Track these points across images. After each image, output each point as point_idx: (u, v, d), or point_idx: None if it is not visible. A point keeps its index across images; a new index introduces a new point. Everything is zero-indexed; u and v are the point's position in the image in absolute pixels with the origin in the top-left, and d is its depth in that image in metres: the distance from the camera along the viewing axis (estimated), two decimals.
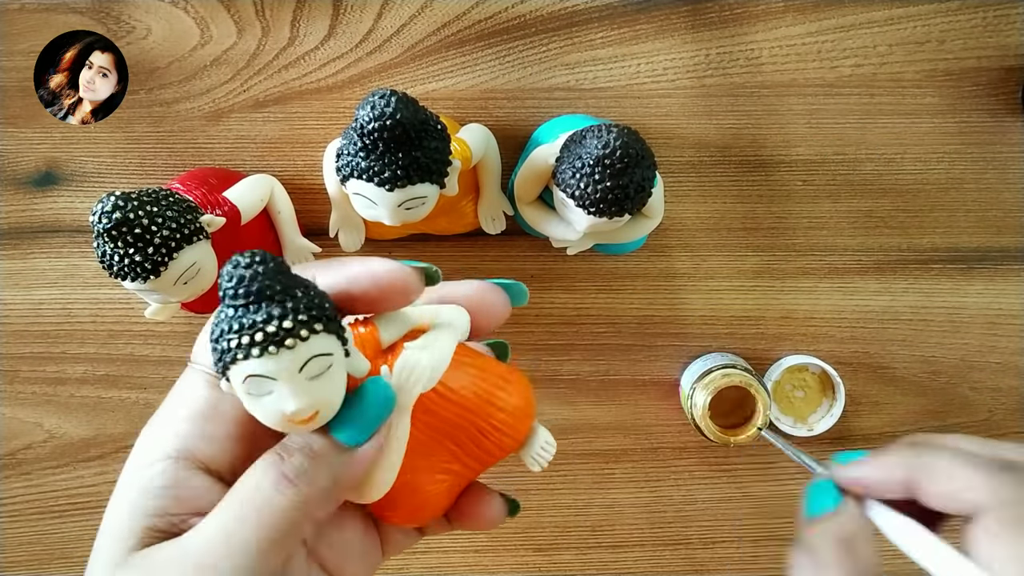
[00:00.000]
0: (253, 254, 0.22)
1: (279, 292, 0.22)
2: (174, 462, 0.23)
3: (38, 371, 0.55)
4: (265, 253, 0.22)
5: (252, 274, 0.22)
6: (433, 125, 0.40)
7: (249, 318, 0.22)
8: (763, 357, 0.55)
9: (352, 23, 0.52)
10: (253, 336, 0.22)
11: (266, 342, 0.22)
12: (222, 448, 0.24)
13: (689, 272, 0.55)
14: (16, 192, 0.54)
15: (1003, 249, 0.54)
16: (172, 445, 0.23)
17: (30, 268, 0.54)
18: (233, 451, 0.24)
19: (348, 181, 0.41)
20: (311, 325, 0.22)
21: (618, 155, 0.41)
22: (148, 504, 0.22)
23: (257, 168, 0.53)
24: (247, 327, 0.22)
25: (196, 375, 0.24)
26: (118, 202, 0.39)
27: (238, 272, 0.22)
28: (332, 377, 0.23)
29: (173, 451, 0.23)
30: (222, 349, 0.22)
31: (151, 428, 0.24)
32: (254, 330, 0.22)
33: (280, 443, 0.23)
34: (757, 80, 0.53)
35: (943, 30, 0.52)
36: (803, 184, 0.54)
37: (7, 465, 0.56)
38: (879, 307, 0.55)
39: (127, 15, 0.52)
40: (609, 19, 0.52)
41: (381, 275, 0.24)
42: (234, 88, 0.53)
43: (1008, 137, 0.53)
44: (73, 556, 0.57)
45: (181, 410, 0.24)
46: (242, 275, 0.22)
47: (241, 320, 0.22)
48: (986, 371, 0.55)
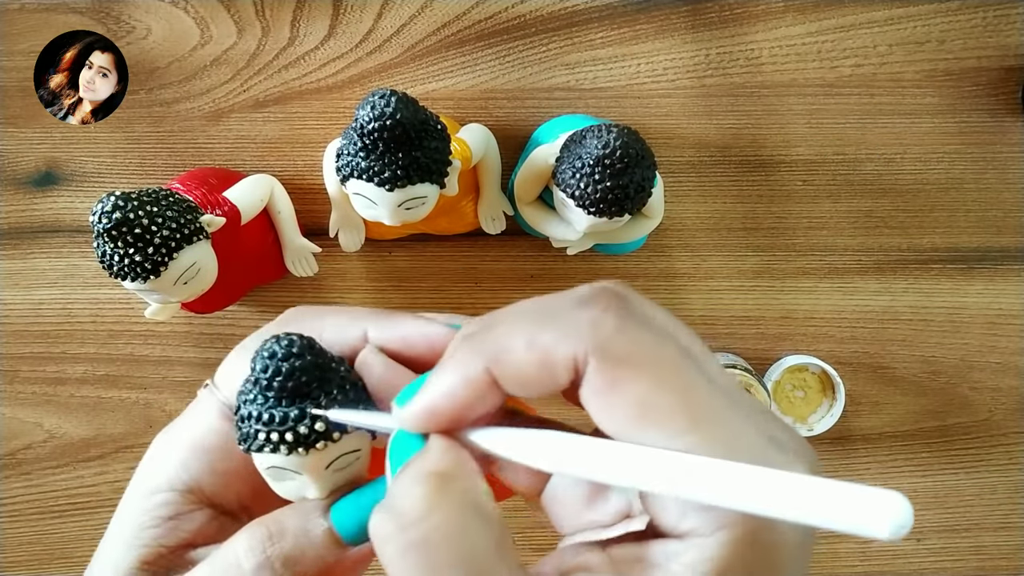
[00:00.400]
0: (291, 343, 0.21)
1: (315, 390, 0.21)
2: (179, 495, 0.23)
3: (38, 371, 0.55)
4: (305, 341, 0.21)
5: (289, 369, 0.21)
6: (433, 125, 0.40)
7: (280, 412, 0.21)
8: (763, 357, 0.55)
9: (352, 23, 0.52)
10: (283, 435, 0.21)
11: (296, 443, 0.21)
12: (229, 485, 0.23)
13: (689, 272, 0.55)
14: (16, 192, 0.54)
15: (1003, 249, 0.54)
16: (179, 476, 0.23)
17: (30, 268, 0.54)
18: (240, 488, 0.23)
19: (348, 181, 0.41)
20: (344, 427, 0.21)
21: (618, 155, 0.41)
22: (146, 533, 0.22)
23: (257, 168, 0.53)
24: (278, 423, 0.21)
25: (212, 403, 0.24)
26: (118, 202, 0.39)
27: (275, 364, 0.21)
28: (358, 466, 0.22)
29: (179, 483, 0.23)
30: (247, 432, 0.21)
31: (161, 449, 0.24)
32: (285, 428, 0.21)
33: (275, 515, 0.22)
34: (757, 80, 0.53)
35: (943, 30, 0.52)
36: (803, 184, 0.54)
37: (7, 465, 0.56)
38: (879, 307, 0.55)
39: (127, 15, 0.52)
40: (609, 19, 0.52)
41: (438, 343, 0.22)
42: (234, 88, 0.53)
43: (1008, 137, 0.53)
44: (73, 556, 0.57)
45: (192, 440, 0.23)
46: (279, 367, 0.21)
47: (272, 412, 0.21)
48: (986, 371, 0.55)
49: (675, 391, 0.17)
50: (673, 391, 0.17)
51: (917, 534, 0.57)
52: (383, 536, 0.18)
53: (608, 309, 0.18)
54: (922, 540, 0.57)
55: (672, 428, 0.17)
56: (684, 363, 0.18)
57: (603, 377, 0.17)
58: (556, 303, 0.19)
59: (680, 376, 0.17)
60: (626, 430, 0.17)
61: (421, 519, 0.17)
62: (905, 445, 0.56)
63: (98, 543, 0.23)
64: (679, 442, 0.16)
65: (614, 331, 0.17)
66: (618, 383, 0.17)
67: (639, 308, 0.19)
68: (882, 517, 0.14)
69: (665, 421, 0.17)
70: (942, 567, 0.57)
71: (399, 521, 0.18)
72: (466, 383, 0.19)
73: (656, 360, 0.17)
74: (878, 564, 0.57)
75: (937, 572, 0.57)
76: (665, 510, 0.18)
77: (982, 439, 0.56)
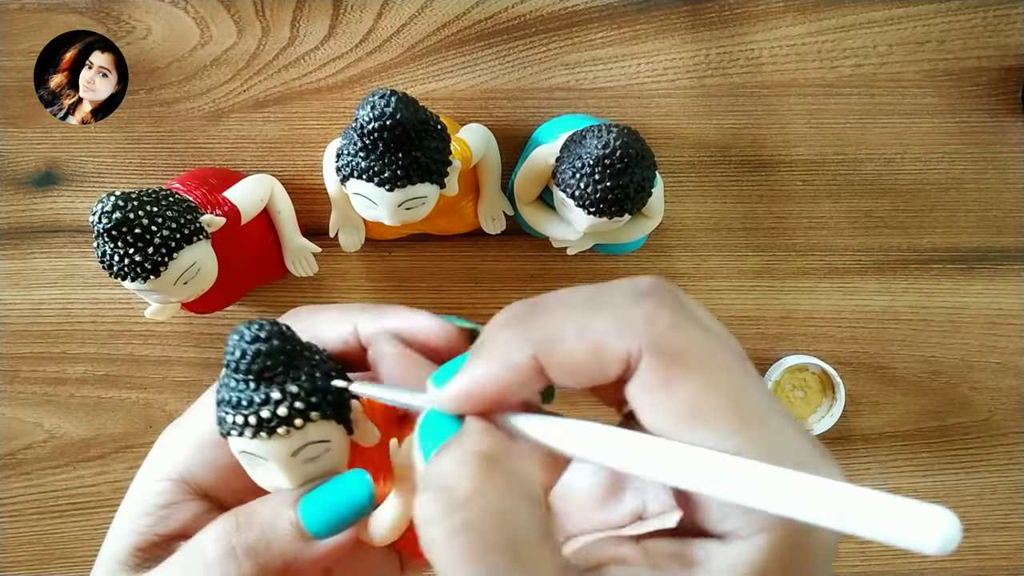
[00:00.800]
0: (261, 327, 0.21)
1: (280, 374, 0.21)
2: (174, 484, 0.23)
3: (38, 371, 0.55)
4: (275, 327, 0.21)
5: (255, 351, 0.21)
6: (433, 125, 0.40)
7: (247, 396, 0.21)
8: (763, 357, 0.55)
9: (352, 23, 0.52)
10: (247, 418, 0.21)
11: (259, 427, 0.21)
12: (223, 478, 0.23)
13: (689, 272, 0.55)
14: (16, 192, 0.54)
15: (1003, 249, 0.54)
16: (176, 467, 0.23)
17: (30, 268, 0.54)
18: (235, 483, 0.23)
19: (348, 181, 0.41)
20: (307, 414, 0.21)
21: (618, 155, 0.41)
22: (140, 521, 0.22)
23: (257, 168, 0.53)
24: (244, 406, 0.21)
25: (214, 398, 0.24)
26: (118, 202, 0.39)
27: (241, 346, 0.21)
28: (330, 459, 0.22)
29: (175, 473, 0.23)
30: (219, 416, 0.22)
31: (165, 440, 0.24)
32: (249, 411, 0.21)
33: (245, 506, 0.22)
34: (757, 80, 0.53)
35: (943, 30, 0.52)
36: (803, 184, 0.54)
37: (7, 465, 0.56)
38: (879, 307, 0.55)
39: (127, 15, 0.52)
40: (609, 19, 0.52)
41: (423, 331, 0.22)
42: (234, 88, 0.53)
43: (1008, 137, 0.53)
44: (73, 556, 0.57)
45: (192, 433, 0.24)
46: (245, 350, 0.21)
47: (239, 396, 0.21)
48: (986, 371, 0.55)
49: (726, 392, 0.17)
50: (724, 392, 0.17)
51: None
52: (429, 517, 0.17)
53: (664, 305, 0.18)
54: None
55: (722, 429, 0.16)
56: (734, 364, 0.17)
57: (656, 374, 0.17)
58: (610, 294, 0.18)
59: (731, 377, 0.17)
60: (676, 428, 0.17)
61: (469, 500, 0.17)
62: (905, 445, 0.56)
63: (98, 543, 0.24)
64: (728, 443, 0.16)
65: (669, 327, 0.17)
66: (670, 381, 0.17)
67: (691, 305, 0.18)
68: (932, 532, 0.14)
69: (716, 421, 0.17)
70: (942, 567, 0.57)
71: (446, 502, 0.17)
72: (511, 367, 0.18)
73: (708, 360, 0.17)
74: (878, 564, 0.57)
75: (937, 572, 0.57)
76: (707, 510, 0.18)
77: (982, 439, 0.56)
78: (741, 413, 0.17)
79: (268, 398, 0.21)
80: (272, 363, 0.21)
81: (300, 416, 0.21)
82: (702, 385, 0.17)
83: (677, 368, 0.17)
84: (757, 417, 0.17)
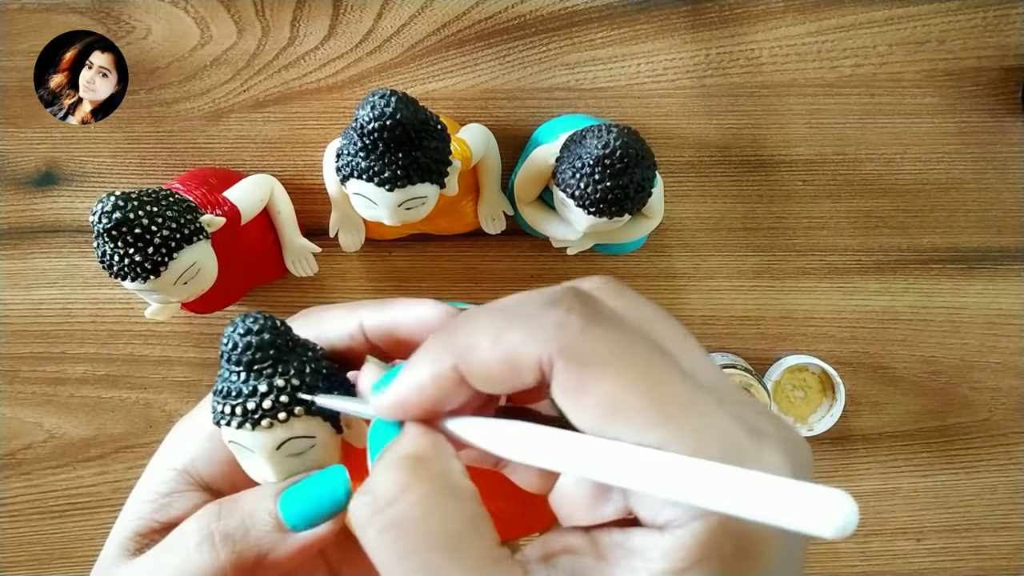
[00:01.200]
0: (255, 320, 0.22)
1: (269, 367, 0.22)
2: (178, 474, 0.24)
3: (38, 371, 0.55)
4: (269, 320, 0.22)
5: (247, 343, 0.22)
6: (433, 125, 0.40)
7: (236, 386, 0.22)
8: (763, 357, 0.55)
9: (352, 23, 0.52)
10: (235, 408, 0.22)
11: (244, 418, 0.22)
12: (224, 471, 0.24)
13: (689, 272, 0.55)
14: (16, 192, 0.54)
15: (1003, 249, 0.54)
16: (182, 458, 0.24)
17: (30, 268, 0.54)
18: (233, 475, 0.24)
19: (348, 181, 0.41)
20: (291, 408, 0.22)
21: (618, 155, 0.41)
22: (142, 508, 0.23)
23: (257, 168, 0.53)
24: (232, 395, 0.22)
25: None
26: (118, 202, 0.39)
27: (234, 337, 0.22)
28: (315, 456, 0.23)
29: (180, 464, 0.24)
30: (212, 404, 0.23)
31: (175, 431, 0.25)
32: (237, 402, 0.22)
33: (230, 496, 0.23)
34: (757, 80, 0.53)
35: (943, 30, 0.52)
36: (803, 184, 0.54)
37: (7, 465, 0.56)
38: (879, 307, 0.55)
39: (127, 15, 0.52)
40: (609, 19, 0.52)
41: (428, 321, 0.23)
42: (234, 88, 0.53)
43: (1008, 137, 0.53)
44: (73, 556, 0.57)
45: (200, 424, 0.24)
46: (236, 341, 0.22)
47: (229, 386, 0.22)
48: (986, 371, 0.55)
49: (643, 389, 0.17)
50: (641, 390, 0.17)
51: (917, 534, 0.57)
52: (361, 521, 0.18)
53: (572, 310, 0.18)
54: (922, 540, 0.57)
55: (641, 423, 0.17)
56: (656, 361, 0.18)
57: (570, 378, 0.18)
58: (526, 302, 0.19)
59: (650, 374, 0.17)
60: (597, 427, 0.17)
61: (395, 499, 0.18)
62: (905, 445, 0.56)
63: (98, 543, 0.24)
64: (649, 437, 0.17)
65: (579, 332, 0.18)
66: (585, 384, 0.17)
67: (608, 307, 0.19)
68: (827, 516, 0.14)
69: (635, 419, 0.17)
70: (942, 567, 0.57)
71: (374, 504, 0.18)
72: (434, 378, 0.19)
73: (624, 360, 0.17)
74: (878, 564, 0.57)
75: (937, 572, 0.57)
76: (644, 501, 0.18)
77: (982, 439, 0.56)
78: (661, 407, 0.17)
79: (255, 390, 0.22)
80: (262, 355, 0.22)
81: (284, 410, 0.22)
82: (617, 386, 0.17)
83: (590, 370, 0.17)
84: (679, 407, 0.17)
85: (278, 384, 0.22)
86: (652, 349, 0.18)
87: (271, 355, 0.22)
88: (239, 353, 0.22)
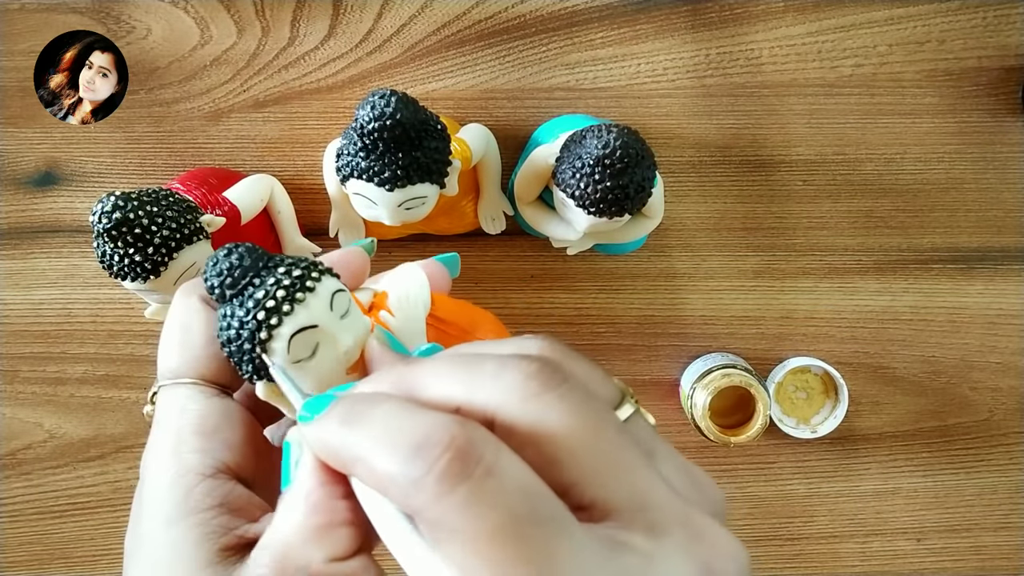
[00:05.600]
0: (222, 249, 0.23)
1: (268, 261, 0.23)
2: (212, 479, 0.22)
3: (38, 371, 0.55)
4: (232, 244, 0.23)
5: (238, 258, 0.23)
6: (433, 125, 0.40)
7: (262, 288, 0.22)
8: (764, 357, 0.55)
9: (352, 23, 0.52)
10: (276, 295, 0.22)
11: (291, 291, 0.22)
12: (243, 453, 0.23)
13: (689, 272, 0.55)
14: (16, 192, 0.54)
15: (1003, 249, 0.54)
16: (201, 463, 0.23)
17: (30, 268, 0.54)
18: (249, 454, 0.24)
19: (348, 181, 0.41)
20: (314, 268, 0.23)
21: (618, 155, 0.40)
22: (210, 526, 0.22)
23: (257, 168, 0.53)
24: (269, 294, 0.22)
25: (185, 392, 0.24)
26: (118, 202, 0.39)
27: (225, 263, 0.23)
28: (356, 314, 0.24)
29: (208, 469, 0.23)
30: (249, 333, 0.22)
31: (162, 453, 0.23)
32: (275, 288, 0.22)
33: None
34: (757, 80, 0.53)
35: (943, 30, 0.52)
36: (803, 184, 0.54)
37: (7, 465, 0.56)
38: (879, 307, 0.55)
39: (127, 15, 0.52)
40: (609, 19, 0.52)
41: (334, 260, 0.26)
42: (234, 88, 0.53)
43: (1008, 137, 0.53)
44: (73, 556, 0.57)
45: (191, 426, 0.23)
46: (230, 264, 0.22)
47: (255, 296, 0.22)
48: (986, 371, 0.55)
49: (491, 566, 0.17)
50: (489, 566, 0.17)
51: (917, 534, 0.57)
52: None
53: (431, 471, 0.17)
54: (922, 540, 0.57)
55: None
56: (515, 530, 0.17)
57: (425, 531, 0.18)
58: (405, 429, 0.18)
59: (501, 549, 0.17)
60: None
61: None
62: (905, 445, 0.56)
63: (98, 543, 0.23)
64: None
65: (432, 499, 0.17)
66: (438, 544, 0.17)
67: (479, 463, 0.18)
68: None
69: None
70: (942, 567, 0.57)
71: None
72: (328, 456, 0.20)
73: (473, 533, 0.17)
74: (878, 564, 0.57)
75: (937, 572, 0.57)
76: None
77: (982, 439, 0.56)
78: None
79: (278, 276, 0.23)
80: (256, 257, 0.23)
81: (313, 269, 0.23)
82: (465, 557, 0.17)
83: (441, 534, 0.17)
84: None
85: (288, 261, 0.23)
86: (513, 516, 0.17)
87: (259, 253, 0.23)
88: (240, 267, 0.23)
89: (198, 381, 0.24)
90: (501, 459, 0.18)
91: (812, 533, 0.57)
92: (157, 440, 0.23)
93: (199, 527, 0.22)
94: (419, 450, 0.18)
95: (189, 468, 0.23)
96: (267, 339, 0.22)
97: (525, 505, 0.17)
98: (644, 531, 0.18)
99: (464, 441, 0.18)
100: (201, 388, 0.24)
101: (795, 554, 0.57)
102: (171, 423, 0.23)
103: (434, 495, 0.17)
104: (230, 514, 0.22)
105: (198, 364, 0.24)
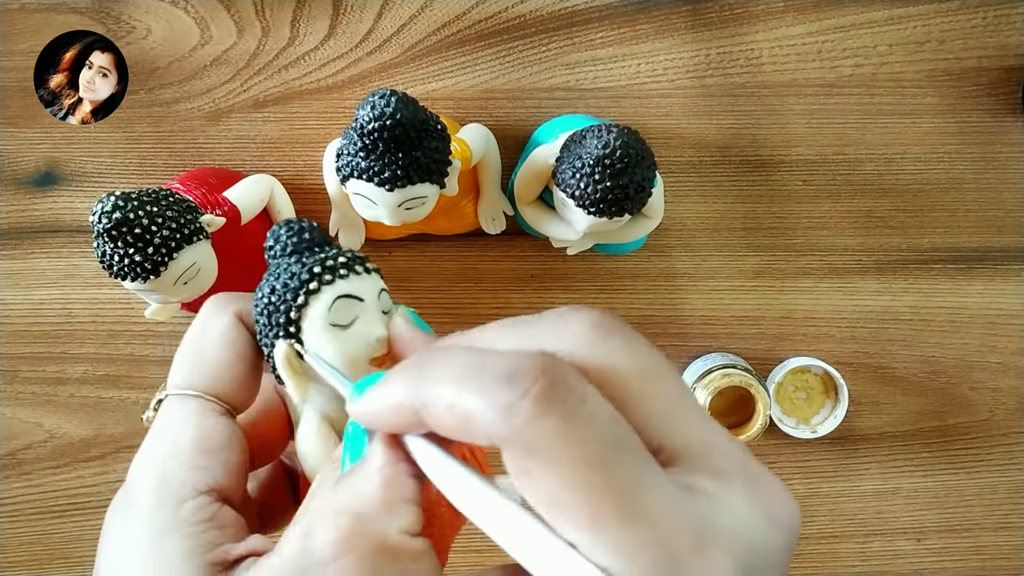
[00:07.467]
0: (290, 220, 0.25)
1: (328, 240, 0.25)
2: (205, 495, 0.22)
3: (38, 371, 0.55)
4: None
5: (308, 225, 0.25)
6: (433, 125, 0.40)
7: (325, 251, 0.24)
8: (763, 357, 0.55)
9: (352, 23, 0.52)
10: (337, 260, 0.24)
11: (351, 263, 0.24)
12: (237, 476, 0.23)
13: (689, 272, 0.55)
14: (16, 192, 0.54)
15: (1003, 249, 0.54)
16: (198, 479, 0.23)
17: (30, 268, 0.54)
18: (242, 479, 0.24)
19: (348, 181, 0.41)
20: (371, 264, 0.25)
21: (618, 155, 0.41)
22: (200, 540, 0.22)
23: (257, 168, 0.53)
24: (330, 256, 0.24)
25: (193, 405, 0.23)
26: (118, 202, 0.39)
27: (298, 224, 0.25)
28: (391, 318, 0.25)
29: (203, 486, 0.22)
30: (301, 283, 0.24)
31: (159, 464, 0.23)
32: (338, 255, 0.24)
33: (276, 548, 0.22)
34: (757, 80, 0.53)
35: (943, 30, 0.52)
36: (803, 184, 0.54)
37: (7, 465, 0.56)
38: (879, 307, 0.55)
39: (127, 15, 0.52)
40: (609, 19, 0.52)
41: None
42: (234, 88, 0.53)
43: (1008, 137, 0.53)
44: (73, 556, 0.57)
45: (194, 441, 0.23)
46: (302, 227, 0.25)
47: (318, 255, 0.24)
48: (986, 371, 0.55)
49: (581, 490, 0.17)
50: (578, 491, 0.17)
51: (917, 534, 0.57)
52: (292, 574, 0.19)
53: (527, 395, 0.17)
54: (922, 540, 0.57)
55: (574, 524, 0.17)
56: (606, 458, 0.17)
57: (515, 464, 0.17)
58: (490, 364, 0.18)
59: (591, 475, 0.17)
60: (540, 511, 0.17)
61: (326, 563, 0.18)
62: (905, 445, 0.56)
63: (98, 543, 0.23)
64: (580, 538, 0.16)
65: (526, 421, 0.17)
66: (526, 474, 0.17)
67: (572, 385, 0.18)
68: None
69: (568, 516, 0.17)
70: (942, 567, 0.57)
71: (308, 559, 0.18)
72: (395, 411, 0.19)
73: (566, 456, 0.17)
74: (878, 564, 0.57)
75: (937, 572, 0.57)
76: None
77: (982, 439, 0.56)
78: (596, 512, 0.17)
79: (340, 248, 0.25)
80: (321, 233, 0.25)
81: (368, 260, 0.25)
82: (556, 482, 0.17)
83: (533, 461, 0.17)
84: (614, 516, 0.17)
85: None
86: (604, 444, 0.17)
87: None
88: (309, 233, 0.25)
89: (208, 397, 0.24)
90: (590, 390, 0.18)
91: (812, 533, 0.57)
92: (154, 449, 0.23)
93: (190, 539, 0.21)
94: (512, 377, 0.17)
95: (185, 482, 0.22)
96: (316, 290, 0.24)
97: (615, 436, 0.17)
98: (710, 475, 0.18)
99: (556, 370, 0.17)
100: (211, 404, 0.24)
101: (795, 554, 0.57)
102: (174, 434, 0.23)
103: (530, 417, 0.17)
104: (218, 530, 0.22)
105: (215, 380, 0.24)
